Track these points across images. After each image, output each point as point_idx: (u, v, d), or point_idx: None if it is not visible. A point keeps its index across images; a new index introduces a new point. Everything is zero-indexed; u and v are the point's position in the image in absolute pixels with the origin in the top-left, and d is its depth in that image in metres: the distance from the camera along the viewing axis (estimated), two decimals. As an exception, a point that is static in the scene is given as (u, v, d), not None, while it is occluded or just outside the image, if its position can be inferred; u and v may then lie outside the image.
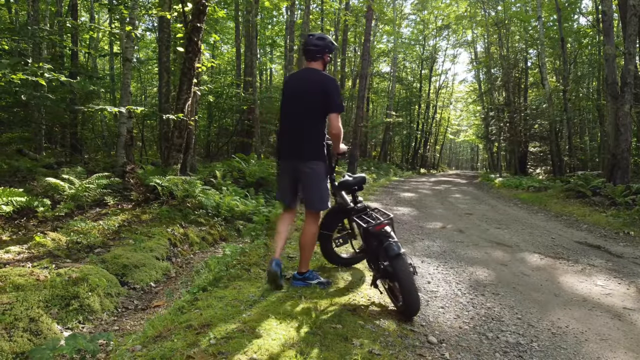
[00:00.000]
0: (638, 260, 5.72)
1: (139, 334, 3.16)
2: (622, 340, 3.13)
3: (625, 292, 4.25)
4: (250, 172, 9.46)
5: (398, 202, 11.89)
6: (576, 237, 7.41)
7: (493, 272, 4.82)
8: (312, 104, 3.43)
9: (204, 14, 7.55)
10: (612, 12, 12.98)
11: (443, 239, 6.69)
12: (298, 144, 3.47)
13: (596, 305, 3.83)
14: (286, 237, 3.70)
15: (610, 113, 12.67)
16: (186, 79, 7.52)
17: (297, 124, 3.48)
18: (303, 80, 3.55)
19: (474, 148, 74.91)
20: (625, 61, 12.46)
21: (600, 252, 6.17)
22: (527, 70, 30.71)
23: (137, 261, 4.87)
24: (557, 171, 22.49)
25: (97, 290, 4.03)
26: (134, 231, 5.78)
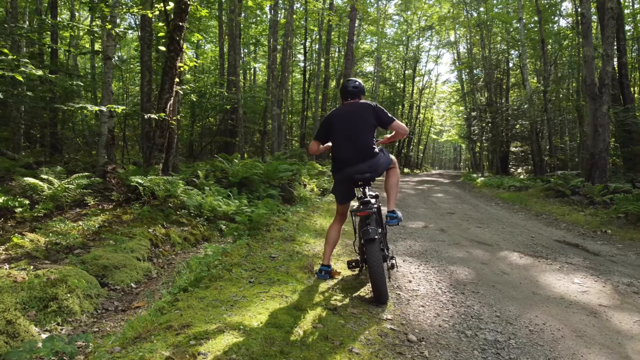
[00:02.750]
0: (614, 258, 5.84)
1: (118, 335, 3.13)
2: (597, 337, 3.20)
3: (602, 289, 4.33)
4: (233, 172, 9.41)
5: (381, 202, 11.93)
6: (555, 235, 7.53)
7: (473, 271, 4.88)
8: (368, 125, 4.19)
9: (186, 13, 7.50)
10: (590, 14, 13.22)
11: (425, 239, 6.75)
12: (363, 152, 4.13)
13: (573, 303, 3.90)
14: (336, 243, 4.40)
15: (589, 113, 12.90)
16: (168, 78, 7.46)
17: (358, 139, 4.17)
18: (351, 110, 4.25)
19: (457, 148, 75.62)
20: (603, 63, 12.70)
21: (578, 251, 6.28)
22: (509, 71, 31.08)
23: (117, 262, 4.82)
24: (537, 171, 22.81)
25: (77, 292, 3.98)
26: (115, 232, 5.72)
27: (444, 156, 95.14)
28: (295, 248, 5.22)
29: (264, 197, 9.24)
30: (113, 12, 9.01)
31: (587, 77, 12.95)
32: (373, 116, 4.19)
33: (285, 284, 3.78)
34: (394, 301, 3.74)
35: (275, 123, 16.05)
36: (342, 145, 4.19)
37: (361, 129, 4.15)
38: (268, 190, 9.53)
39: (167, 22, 7.59)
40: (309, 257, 4.84)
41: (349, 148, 4.13)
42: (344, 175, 4.19)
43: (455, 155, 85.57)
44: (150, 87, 10.85)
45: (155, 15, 8.52)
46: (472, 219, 9.22)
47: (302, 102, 26.75)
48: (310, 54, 29.52)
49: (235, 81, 16.54)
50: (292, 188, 10.71)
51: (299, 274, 4.13)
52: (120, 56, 25.79)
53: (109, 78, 9.65)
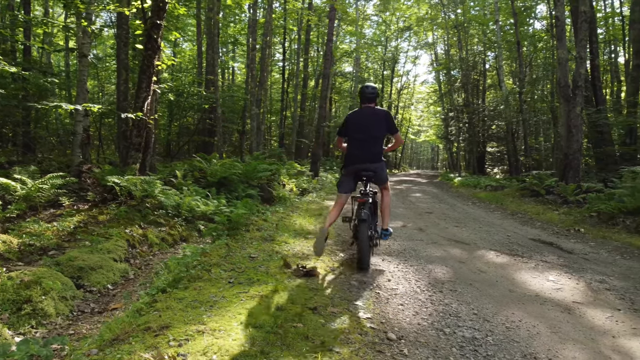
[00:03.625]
0: (587, 256, 5.97)
1: (95, 337, 3.08)
2: (571, 333, 3.27)
3: (575, 286, 4.43)
4: (211, 172, 9.34)
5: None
6: (530, 234, 7.67)
7: (451, 270, 4.94)
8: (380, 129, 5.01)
9: (164, 11, 7.41)
10: (564, 17, 13.50)
11: (403, 238, 6.80)
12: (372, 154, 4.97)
13: (548, 300, 3.99)
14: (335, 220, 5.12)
15: (563, 115, 13.17)
16: (145, 77, 7.36)
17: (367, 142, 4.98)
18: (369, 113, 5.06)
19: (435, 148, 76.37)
20: (576, 65, 12.98)
21: (552, 249, 6.41)
22: (485, 72, 31.54)
23: (93, 263, 4.74)
24: (513, 170, 23.20)
25: (51, 294, 3.90)
26: (91, 232, 5.62)
27: (422, 156, 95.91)
28: (274, 248, 5.21)
29: (243, 197, 9.20)
30: (89, 8, 8.84)
31: (561, 78, 13.23)
32: (385, 123, 5.00)
33: (265, 284, 3.77)
34: (374, 300, 3.77)
35: (254, 123, 15.98)
36: (356, 145, 4.99)
37: (374, 134, 4.95)
38: (247, 190, 9.48)
39: (144, 19, 7.48)
40: (289, 257, 4.84)
41: (361, 148, 4.95)
42: (352, 169, 5.03)
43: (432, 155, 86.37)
44: (127, 86, 10.68)
45: (133, 12, 8.40)
46: (450, 218, 9.32)
47: (281, 102, 26.69)
48: (290, 53, 29.48)
49: (214, 80, 16.41)
50: (271, 188, 10.68)
51: (278, 274, 4.12)
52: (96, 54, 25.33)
53: (84, 76, 9.48)
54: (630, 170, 10.08)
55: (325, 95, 16.89)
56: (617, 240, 7.26)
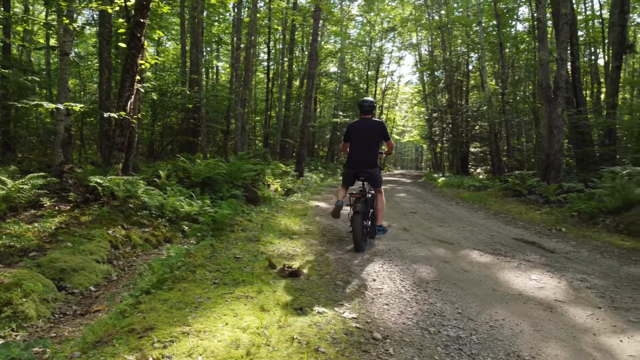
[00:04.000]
0: (569, 255, 6.06)
1: (77, 340, 3.04)
2: (554, 331, 3.32)
3: (557, 285, 4.49)
4: (195, 172, 9.26)
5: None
6: (513, 234, 7.76)
7: (435, 269, 4.97)
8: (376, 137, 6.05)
9: (148, 9, 7.33)
10: (546, 19, 13.70)
11: (388, 238, 6.83)
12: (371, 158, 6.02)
13: (530, 299, 4.04)
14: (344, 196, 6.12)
15: (545, 115, 13.36)
16: (128, 76, 7.27)
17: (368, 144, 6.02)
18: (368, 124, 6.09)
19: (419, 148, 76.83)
20: (557, 67, 13.17)
21: (534, 248, 6.50)
22: (469, 73, 31.81)
23: (75, 265, 4.67)
24: (496, 171, 23.45)
25: (32, 296, 3.84)
26: (73, 233, 5.54)
27: (406, 156, 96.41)
28: (259, 248, 5.19)
29: (227, 197, 9.15)
30: (70, 6, 8.72)
31: (543, 80, 13.41)
32: (380, 131, 6.05)
33: (250, 284, 3.75)
34: (359, 300, 3.77)
35: (238, 123, 15.90)
36: (356, 149, 6.04)
37: (371, 143, 6.00)
38: (231, 191, 9.43)
39: (127, 18, 7.40)
40: (274, 257, 4.82)
41: (360, 153, 6.00)
42: (352, 170, 6.09)
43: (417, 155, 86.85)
44: (110, 85, 10.54)
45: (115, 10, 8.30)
46: (434, 218, 9.39)
47: (266, 102, 26.61)
48: (274, 53, 29.41)
49: (198, 80, 16.30)
50: (256, 188, 10.64)
51: (263, 274, 4.11)
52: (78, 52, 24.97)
53: (66, 75, 9.34)
54: (610, 170, 10.26)
55: (310, 95, 16.89)
56: (597, 240, 7.38)
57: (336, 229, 7.45)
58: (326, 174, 25.01)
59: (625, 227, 8.02)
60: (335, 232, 7.11)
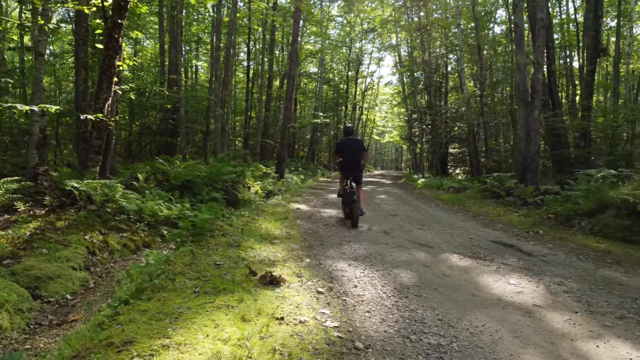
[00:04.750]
0: (546, 258, 6.16)
1: (54, 353, 2.96)
2: (532, 337, 3.36)
3: (535, 289, 4.56)
4: (175, 175, 9.14)
5: (325, 204, 12.02)
6: (492, 236, 7.85)
7: (416, 274, 5.00)
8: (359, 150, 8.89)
9: (126, 10, 7.21)
10: (523, 24, 13.92)
11: (369, 242, 6.85)
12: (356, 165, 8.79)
13: (509, 304, 4.08)
14: None
15: (522, 118, 13.56)
16: (106, 77, 7.14)
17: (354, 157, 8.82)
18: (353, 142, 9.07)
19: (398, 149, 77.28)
20: (534, 70, 13.39)
21: (513, 251, 6.58)
22: (448, 75, 32.14)
23: (51, 272, 4.57)
24: (474, 171, 23.72)
25: (6, 306, 3.74)
26: (48, 239, 5.41)
27: (386, 157, 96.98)
28: (240, 254, 5.14)
29: (207, 200, 9.06)
30: (45, 5, 8.52)
31: (520, 83, 13.62)
32: (361, 146, 9.14)
33: (231, 293, 3.70)
34: (340, 308, 3.76)
35: (218, 124, 15.77)
36: (347, 160, 8.80)
37: (357, 155, 8.87)
38: (211, 194, 9.34)
39: (105, 18, 7.26)
40: (255, 263, 4.78)
41: (350, 163, 8.77)
42: (347, 173, 8.62)
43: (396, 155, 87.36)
44: (86, 86, 10.33)
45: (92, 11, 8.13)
46: (414, 221, 9.45)
47: (246, 102, 26.47)
48: (254, 53, 29.26)
49: (177, 80, 16.11)
50: (236, 191, 10.56)
51: (244, 282, 4.07)
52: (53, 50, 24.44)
53: (41, 74, 9.15)
54: (585, 173, 10.47)
55: (290, 96, 16.84)
56: (574, 242, 7.52)
57: (317, 232, 7.44)
58: (306, 174, 24.98)
59: (600, 230, 8.19)
60: (316, 235, 7.10)
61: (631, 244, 7.28)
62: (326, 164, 37.92)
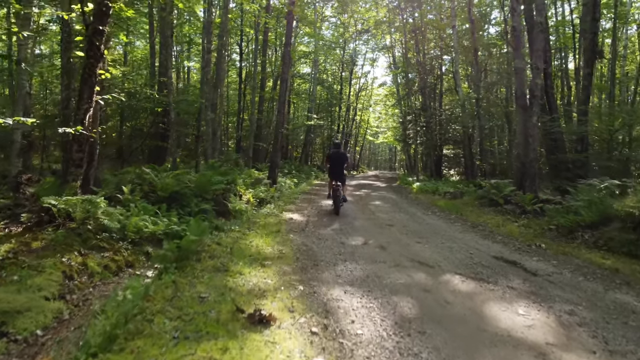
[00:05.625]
0: (552, 278, 5.86)
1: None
2: (550, 388, 3.03)
3: (546, 321, 4.23)
4: (162, 186, 8.73)
5: (319, 212, 11.67)
6: (493, 251, 7.54)
7: (417, 302, 4.66)
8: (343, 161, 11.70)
9: (108, 16, 6.81)
10: (520, 27, 13.61)
11: (366, 260, 6.50)
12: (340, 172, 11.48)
13: (521, 342, 3.75)
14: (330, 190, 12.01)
15: (520, 123, 13.26)
16: (87, 87, 6.73)
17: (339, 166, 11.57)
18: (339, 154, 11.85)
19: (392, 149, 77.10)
20: (533, 75, 13.10)
21: (516, 270, 6.27)
22: (442, 77, 31.87)
23: (20, 305, 4.18)
24: (469, 174, 23.50)
25: (-35, 350, 3.36)
26: (21, 264, 5.02)
27: (380, 157, 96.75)
28: (228, 282, 4.76)
29: (196, 212, 8.69)
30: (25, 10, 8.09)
31: (518, 88, 13.33)
32: (345, 158, 11.81)
33: (215, 338, 3.31)
34: (337, 354, 3.37)
35: (209, 128, 15.36)
36: (334, 168, 11.56)
37: (341, 164, 11.56)
38: (200, 205, 8.95)
39: (85, 24, 6.86)
40: (243, 295, 4.41)
41: (336, 170, 11.48)
42: (333, 177, 11.49)
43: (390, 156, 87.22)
44: (69, 93, 9.91)
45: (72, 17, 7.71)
46: (412, 232, 9.12)
47: (238, 104, 26.04)
48: (247, 54, 28.84)
49: (167, 83, 15.69)
50: (226, 200, 10.19)
51: (230, 321, 3.68)
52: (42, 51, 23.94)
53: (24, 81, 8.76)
54: (587, 183, 10.19)
55: (283, 100, 16.46)
56: (578, 257, 7.24)
57: (310, 249, 7.07)
58: (300, 177, 24.63)
59: (604, 243, 7.91)
60: (310, 254, 6.73)
61: (637, 260, 7.02)
62: (319, 166, 37.56)
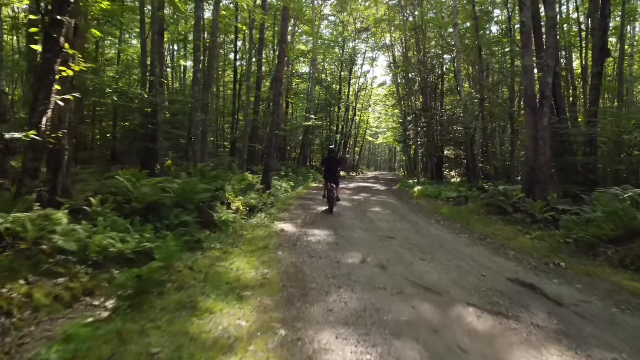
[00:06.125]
0: (580, 309, 5.03)
1: None
2: None
3: (587, 380, 3.38)
4: (139, 196, 7.84)
5: (314, 221, 10.80)
6: (507, 271, 6.69)
7: (425, 351, 3.79)
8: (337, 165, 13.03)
9: (68, 5, 5.92)
10: (531, 23, 12.71)
11: (363, 285, 5.63)
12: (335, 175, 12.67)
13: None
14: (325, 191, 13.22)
15: (529, 126, 12.38)
16: (44, 86, 5.84)
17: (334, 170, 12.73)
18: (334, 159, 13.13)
19: (392, 149, 76.34)
20: (543, 74, 12.24)
21: (537, 297, 5.43)
22: (443, 76, 31.04)
23: None
24: (471, 177, 22.67)
25: None
26: (-53, 300, 4.15)
27: (380, 157, 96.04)
28: (191, 327, 3.85)
29: (176, 225, 7.82)
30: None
31: (528, 88, 12.45)
32: (339, 163, 13.27)
33: None
34: None
35: (198, 130, 14.48)
36: (329, 171, 12.62)
37: (336, 169, 12.75)
38: (182, 217, 8.05)
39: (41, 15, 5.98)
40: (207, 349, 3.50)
41: (331, 173, 12.52)
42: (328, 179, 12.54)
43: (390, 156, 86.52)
44: (36, 93, 9.03)
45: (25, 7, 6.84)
46: (415, 246, 8.26)
47: (233, 105, 25.13)
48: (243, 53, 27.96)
49: (155, 82, 14.82)
50: (212, 210, 9.31)
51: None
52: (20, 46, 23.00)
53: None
54: (607, 192, 9.32)
55: (278, 100, 15.59)
56: (605, 279, 6.42)
57: (300, 271, 6.19)
58: (297, 180, 23.73)
59: (632, 262, 7.07)
60: (299, 278, 5.84)
61: (673, 283, 6.18)
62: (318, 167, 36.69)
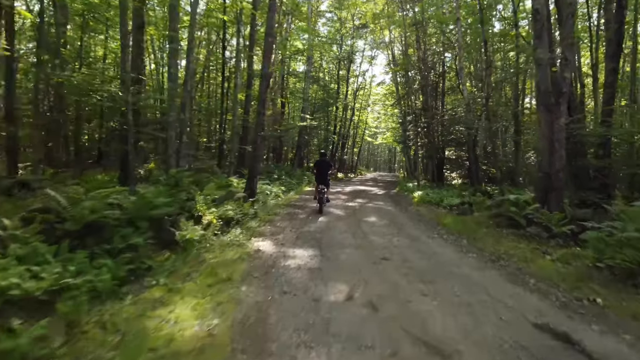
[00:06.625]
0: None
1: None
2: None
3: None
4: (74, 214, 6.40)
5: (299, 236, 9.36)
6: (530, 310, 5.28)
7: None
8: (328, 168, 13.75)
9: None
10: (545, 10, 11.23)
11: (344, 342, 4.18)
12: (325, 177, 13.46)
13: None
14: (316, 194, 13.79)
15: (543, 126, 10.92)
16: None
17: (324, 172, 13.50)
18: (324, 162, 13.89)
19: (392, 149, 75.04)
20: (560, 68, 10.83)
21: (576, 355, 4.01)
22: (444, 74, 29.66)
23: None
24: (474, 179, 21.39)
25: None
26: None
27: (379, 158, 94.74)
28: None
29: (122, 249, 6.38)
30: None
31: (542, 84, 10.97)
32: (330, 166, 13.98)
33: None
34: None
35: (171, 132, 13.04)
36: (319, 174, 13.48)
37: (326, 172, 13.46)
38: (131, 238, 6.60)
39: None
40: None
41: (322, 177, 13.36)
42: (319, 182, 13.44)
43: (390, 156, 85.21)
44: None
45: None
46: (413, 272, 6.83)
47: (221, 104, 23.67)
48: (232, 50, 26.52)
49: (126, 78, 13.39)
50: (175, 227, 7.88)
51: None
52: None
53: None
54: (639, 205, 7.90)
55: (264, 99, 14.16)
56: (657, 324, 4.97)
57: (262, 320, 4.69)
58: (290, 184, 22.31)
59: (686, 298, 5.63)
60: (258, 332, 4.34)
61: None
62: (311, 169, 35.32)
